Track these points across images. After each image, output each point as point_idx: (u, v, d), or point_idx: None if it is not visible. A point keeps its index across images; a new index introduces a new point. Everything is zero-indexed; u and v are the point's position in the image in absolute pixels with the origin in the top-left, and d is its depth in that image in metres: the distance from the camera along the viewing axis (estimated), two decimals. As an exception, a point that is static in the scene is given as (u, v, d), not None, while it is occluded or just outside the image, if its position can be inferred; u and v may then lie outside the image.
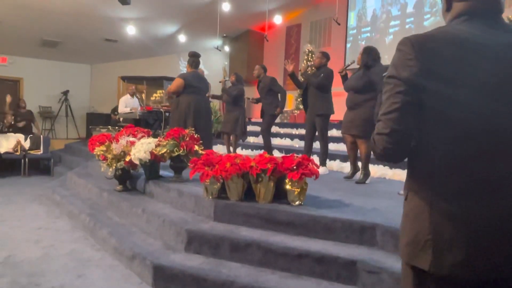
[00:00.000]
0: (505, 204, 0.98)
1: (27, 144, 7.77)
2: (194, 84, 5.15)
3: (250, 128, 8.37)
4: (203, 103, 5.25)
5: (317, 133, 5.12)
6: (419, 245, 1.02)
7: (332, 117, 5.15)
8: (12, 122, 8.33)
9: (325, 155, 5.10)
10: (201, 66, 10.29)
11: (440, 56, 1.01)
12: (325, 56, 5.05)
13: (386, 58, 7.09)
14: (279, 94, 6.01)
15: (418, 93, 1.01)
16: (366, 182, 4.38)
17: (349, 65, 4.75)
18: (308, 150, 5.18)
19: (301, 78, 5.85)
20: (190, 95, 5.08)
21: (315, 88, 4.92)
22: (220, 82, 6.79)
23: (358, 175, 4.50)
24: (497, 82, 0.99)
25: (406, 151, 1.07)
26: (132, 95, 8.19)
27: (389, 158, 1.08)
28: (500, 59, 1.01)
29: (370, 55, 4.25)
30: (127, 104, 7.95)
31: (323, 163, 5.05)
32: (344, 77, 4.61)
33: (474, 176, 0.99)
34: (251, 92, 9.84)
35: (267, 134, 5.98)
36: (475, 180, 0.99)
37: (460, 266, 0.98)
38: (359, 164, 4.52)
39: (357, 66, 4.45)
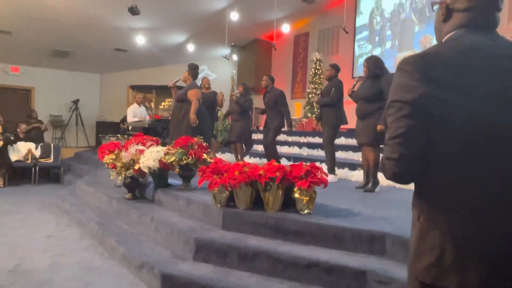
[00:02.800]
0: None
1: (37, 153, 7.86)
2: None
3: (258, 136, 8.38)
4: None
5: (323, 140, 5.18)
6: (445, 265, 1.00)
7: (342, 126, 5.19)
8: (24, 130, 8.43)
9: (332, 163, 5.11)
10: (208, 72, 10.35)
11: (444, 75, 1.00)
12: (335, 68, 5.14)
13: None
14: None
15: (424, 114, 1.00)
16: (376, 190, 4.34)
17: (354, 85, 4.75)
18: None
19: (309, 87, 5.88)
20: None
21: (329, 106, 4.98)
22: (232, 95, 6.84)
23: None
24: (501, 92, 0.98)
25: (416, 173, 1.05)
26: (139, 104, 8.26)
27: (400, 181, 1.07)
28: (503, 68, 1.00)
29: (375, 64, 4.26)
30: (135, 114, 8.02)
31: (331, 171, 5.05)
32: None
33: (487, 191, 0.97)
34: (259, 101, 9.86)
35: (273, 145, 5.95)
36: (488, 195, 0.97)
37: (485, 282, 0.97)
38: None
39: (363, 76, 4.46)
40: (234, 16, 8.68)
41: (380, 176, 4.57)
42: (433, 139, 1.00)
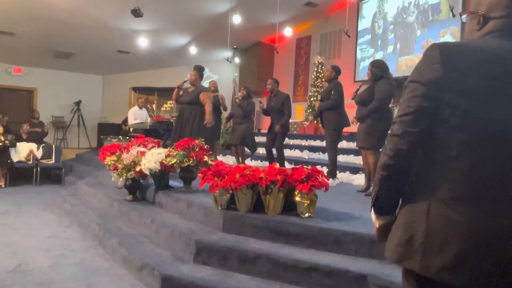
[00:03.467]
0: (508, 216, 0.96)
1: (39, 153, 7.88)
2: None
3: (259, 139, 8.39)
4: None
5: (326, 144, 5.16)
6: (413, 247, 1.03)
7: (344, 129, 5.19)
8: (27, 131, 8.44)
9: (333, 166, 5.11)
10: (210, 74, 10.31)
11: (465, 66, 1.01)
12: (335, 70, 5.12)
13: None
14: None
15: (437, 97, 1.02)
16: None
17: (358, 89, 4.76)
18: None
19: (311, 90, 5.87)
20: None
21: (330, 109, 4.99)
22: (235, 98, 6.83)
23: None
24: None
25: (415, 155, 1.08)
26: (140, 107, 8.27)
27: (398, 160, 1.08)
28: None
29: (379, 67, 4.27)
30: (136, 116, 8.04)
31: (333, 175, 5.05)
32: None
33: (481, 184, 0.98)
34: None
35: (282, 149, 5.96)
36: (482, 188, 0.98)
37: (447, 270, 0.97)
38: None
39: (367, 79, 4.48)
40: (237, 19, 8.70)
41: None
42: (440, 126, 1.03)
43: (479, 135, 0.99)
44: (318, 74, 9.87)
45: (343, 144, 6.91)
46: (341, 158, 6.11)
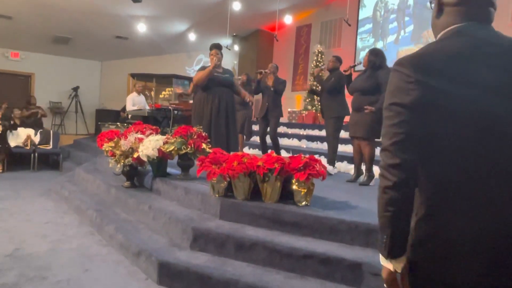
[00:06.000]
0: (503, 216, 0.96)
1: (37, 139, 7.86)
2: None
3: (257, 127, 8.37)
4: None
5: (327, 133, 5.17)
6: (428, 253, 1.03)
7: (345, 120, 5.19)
8: (19, 116, 8.37)
9: (333, 155, 5.12)
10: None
11: (439, 74, 0.99)
12: (339, 60, 5.20)
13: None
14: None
15: (422, 116, 0.99)
16: (370, 184, 4.36)
17: (355, 65, 4.74)
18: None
19: (310, 79, 5.88)
20: None
21: (327, 93, 4.99)
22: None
23: (362, 178, 4.50)
24: (502, 87, 0.98)
25: (417, 178, 1.04)
26: (139, 93, 8.23)
27: (404, 190, 1.02)
28: (501, 64, 0.99)
29: (378, 56, 4.24)
30: (134, 102, 8.01)
31: (332, 162, 5.07)
32: (349, 77, 4.62)
33: (466, 187, 0.98)
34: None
35: (276, 136, 5.94)
36: (467, 191, 0.98)
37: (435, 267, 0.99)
38: (363, 168, 4.52)
39: (363, 68, 4.45)
40: (236, 6, 8.61)
41: (375, 170, 4.59)
42: (434, 131, 1.00)
43: (469, 138, 0.98)
44: (318, 63, 9.81)
45: (341, 134, 6.89)
46: (339, 147, 6.11)
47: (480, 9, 1.06)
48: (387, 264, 1.08)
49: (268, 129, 5.86)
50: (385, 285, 1.09)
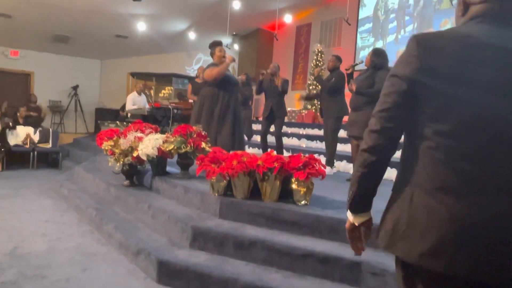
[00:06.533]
0: (491, 205, 0.95)
1: (36, 137, 7.85)
2: None
3: (257, 126, 8.37)
4: None
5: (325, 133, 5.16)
6: (397, 234, 1.06)
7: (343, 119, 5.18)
8: (25, 114, 8.39)
9: (332, 155, 5.11)
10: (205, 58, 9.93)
11: (444, 54, 1.00)
12: (339, 60, 5.16)
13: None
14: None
15: (415, 90, 1.03)
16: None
17: (357, 64, 4.74)
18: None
19: (309, 79, 5.87)
20: None
21: (327, 93, 4.98)
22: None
23: None
24: (502, 82, 0.97)
25: (393, 149, 1.10)
26: (139, 93, 8.22)
27: (379, 156, 1.09)
28: (508, 60, 0.99)
29: (380, 57, 4.23)
30: (134, 102, 8.00)
31: (330, 164, 5.06)
32: (350, 76, 4.61)
33: (464, 174, 0.98)
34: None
35: (281, 137, 5.91)
36: (464, 178, 0.98)
37: (426, 257, 0.99)
38: None
39: (365, 67, 4.44)
40: (236, 5, 8.60)
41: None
42: (423, 115, 1.02)
43: (459, 124, 0.98)
44: (317, 63, 9.80)
45: (340, 133, 6.89)
46: (338, 147, 6.10)
47: (503, 5, 1.06)
48: (349, 216, 1.25)
49: (273, 128, 5.85)
50: (346, 234, 1.29)
